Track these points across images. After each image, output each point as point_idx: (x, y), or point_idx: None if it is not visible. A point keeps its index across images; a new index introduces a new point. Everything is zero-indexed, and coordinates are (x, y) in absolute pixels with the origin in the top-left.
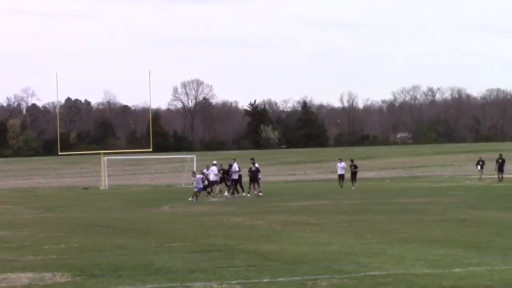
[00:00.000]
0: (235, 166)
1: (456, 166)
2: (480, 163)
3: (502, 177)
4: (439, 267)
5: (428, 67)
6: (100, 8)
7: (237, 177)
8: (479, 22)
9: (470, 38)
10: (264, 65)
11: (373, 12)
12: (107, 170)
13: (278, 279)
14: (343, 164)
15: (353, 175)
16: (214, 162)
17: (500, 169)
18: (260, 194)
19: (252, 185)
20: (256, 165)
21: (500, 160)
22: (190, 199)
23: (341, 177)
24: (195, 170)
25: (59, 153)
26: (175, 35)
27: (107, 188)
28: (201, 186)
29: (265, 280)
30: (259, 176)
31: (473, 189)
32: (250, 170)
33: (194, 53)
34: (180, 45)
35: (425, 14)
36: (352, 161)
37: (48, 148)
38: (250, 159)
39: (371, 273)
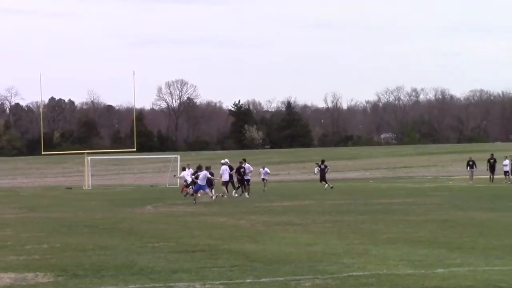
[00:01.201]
0: (249, 166)
1: (439, 166)
2: (470, 163)
3: (493, 178)
4: (422, 268)
5: (412, 68)
6: (84, 7)
7: (250, 177)
8: (463, 23)
9: (454, 39)
10: (248, 65)
11: (358, 13)
12: (90, 170)
13: (261, 280)
14: (266, 169)
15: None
16: (224, 161)
17: (492, 169)
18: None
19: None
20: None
21: (491, 160)
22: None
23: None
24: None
25: (43, 152)
26: (159, 35)
27: (90, 188)
28: (204, 184)
29: (248, 280)
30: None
31: (456, 189)
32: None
33: (179, 53)
34: (164, 45)
35: (409, 15)
36: (322, 161)
37: (31, 148)
38: (243, 159)
39: (354, 273)
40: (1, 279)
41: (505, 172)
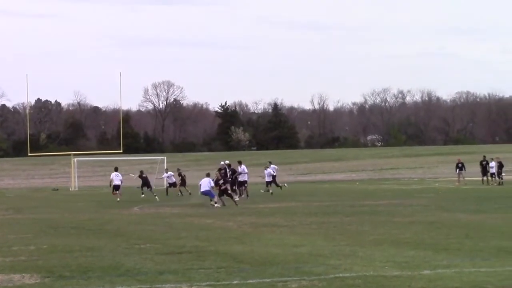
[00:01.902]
0: (244, 168)
1: (425, 168)
2: (460, 165)
3: (486, 180)
4: (408, 269)
5: (399, 69)
6: (70, 8)
7: (246, 179)
8: (450, 24)
9: (440, 40)
10: (235, 66)
11: (344, 14)
12: (77, 171)
13: (248, 281)
14: (272, 167)
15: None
16: (225, 162)
17: (484, 171)
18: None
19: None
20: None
21: (484, 162)
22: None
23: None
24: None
25: (29, 154)
26: (145, 36)
27: (77, 189)
28: (208, 189)
29: (235, 282)
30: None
31: (442, 191)
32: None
33: (165, 55)
34: (150, 46)
35: (395, 16)
36: (270, 163)
37: (17, 149)
38: (238, 161)
39: (341, 275)
40: None
41: (492, 174)
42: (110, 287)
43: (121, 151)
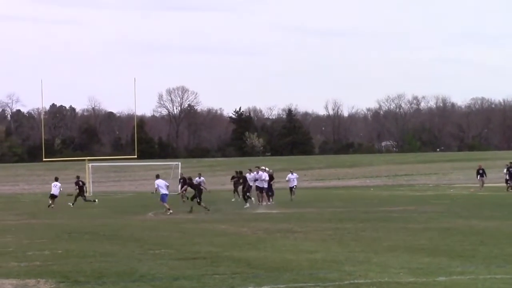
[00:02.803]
0: (261, 174)
1: (440, 174)
2: (480, 171)
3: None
4: (423, 276)
5: (413, 75)
6: (85, 14)
7: (265, 185)
8: (465, 30)
9: (455, 46)
10: (249, 72)
11: (359, 20)
12: (91, 176)
13: (263, 287)
14: (295, 175)
15: (236, 184)
16: (266, 168)
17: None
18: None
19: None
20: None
21: (511, 169)
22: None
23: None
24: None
25: (44, 159)
26: (160, 41)
27: (91, 194)
28: (165, 192)
29: (250, 287)
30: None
31: (457, 198)
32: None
33: (180, 60)
34: (165, 52)
35: (410, 22)
36: (240, 172)
37: (32, 154)
38: (256, 167)
39: (356, 281)
40: (3, 286)
41: (506, 180)
42: None
43: (136, 156)
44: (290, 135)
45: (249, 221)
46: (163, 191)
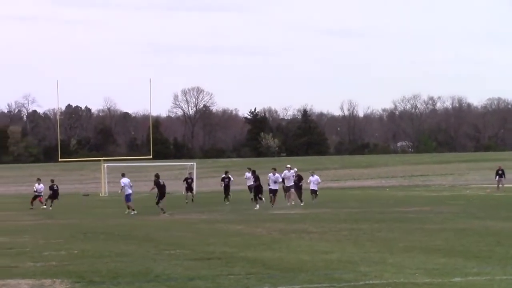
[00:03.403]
0: (278, 176)
1: (456, 175)
2: (500, 172)
3: None
4: (439, 276)
5: (429, 75)
6: (100, 14)
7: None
8: (480, 30)
9: (471, 47)
10: (264, 72)
11: (374, 21)
12: (107, 177)
13: (278, 287)
14: (316, 177)
15: (226, 187)
16: (288, 165)
17: None
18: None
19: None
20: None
21: None
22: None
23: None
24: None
25: (60, 159)
26: (176, 42)
27: (107, 195)
28: (129, 192)
29: None
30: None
31: (473, 198)
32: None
33: (195, 61)
34: (180, 52)
35: (426, 23)
36: (226, 173)
37: (48, 155)
38: (272, 168)
39: (371, 281)
40: (19, 285)
41: None
42: None
43: (151, 157)
44: (305, 136)
45: (264, 221)
46: (128, 190)
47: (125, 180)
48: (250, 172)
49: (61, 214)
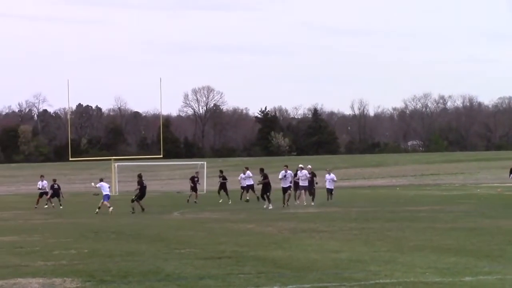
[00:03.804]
0: (291, 173)
1: (467, 174)
2: None
3: None
4: (449, 276)
5: (440, 75)
6: (111, 14)
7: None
8: (491, 29)
9: (482, 46)
10: (275, 72)
11: (385, 19)
12: (117, 176)
13: (288, 286)
14: (332, 175)
15: (222, 186)
16: (301, 165)
17: None
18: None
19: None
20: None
21: None
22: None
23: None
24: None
25: (70, 159)
26: (185, 42)
27: (117, 194)
28: (107, 193)
29: (275, 287)
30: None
31: (484, 197)
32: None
33: (205, 60)
34: (191, 52)
35: (436, 22)
36: (221, 172)
37: (59, 154)
38: (284, 165)
39: (381, 281)
40: (30, 284)
41: None
42: None
43: (161, 156)
44: (316, 135)
45: (275, 220)
46: (105, 192)
47: (103, 184)
48: (246, 172)
49: (71, 213)
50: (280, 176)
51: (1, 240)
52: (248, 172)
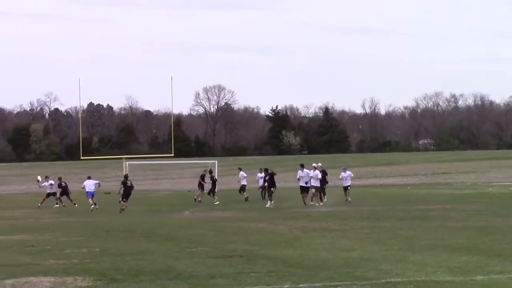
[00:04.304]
0: (307, 172)
1: (478, 173)
2: None
3: None
4: (461, 275)
5: (451, 73)
6: (122, 13)
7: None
8: (503, 28)
9: (494, 44)
10: (286, 70)
11: (396, 19)
12: (129, 175)
13: (299, 285)
14: (348, 173)
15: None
16: (314, 164)
17: None
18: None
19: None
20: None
21: None
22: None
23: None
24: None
25: (81, 157)
26: (197, 40)
27: None
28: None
29: (286, 286)
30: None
31: (495, 196)
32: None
33: (216, 59)
34: (202, 51)
35: (448, 20)
36: (210, 171)
37: (70, 153)
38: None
39: (393, 279)
40: (41, 283)
41: None
42: None
43: (172, 154)
44: (327, 134)
45: (286, 219)
46: (90, 189)
47: (88, 182)
48: (241, 172)
49: (82, 212)
50: (297, 176)
51: (12, 238)
52: (242, 172)
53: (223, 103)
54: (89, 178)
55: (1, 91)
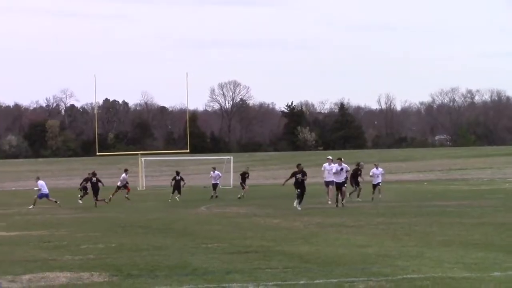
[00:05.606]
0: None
1: (495, 169)
2: None
3: None
4: (478, 271)
5: (467, 69)
6: (138, 9)
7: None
8: None
9: (511, 40)
10: (301, 66)
11: (412, 14)
12: (144, 170)
13: (315, 281)
14: (380, 170)
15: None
16: (330, 157)
17: None
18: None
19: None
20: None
21: None
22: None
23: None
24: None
25: (97, 153)
26: (212, 36)
27: (144, 188)
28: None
29: (302, 282)
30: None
31: None
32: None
33: (231, 55)
34: (217, 47)
35: (464, 16)
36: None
37: (86, 149)
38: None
39: (409, 276)
40: (57, 278)
41: None
42: (178, 286)
43: (188, 150)
44: (343, 129)
45: (302, 215)
46: (44, 191)
47: (41, 182)
48: (215, 172)
49: (98, 207)
50: (331, 170)
51: (29, 234)
52: (216, 172)
53: (239, 99)
54: (38, 178)
55: (18, 88)
